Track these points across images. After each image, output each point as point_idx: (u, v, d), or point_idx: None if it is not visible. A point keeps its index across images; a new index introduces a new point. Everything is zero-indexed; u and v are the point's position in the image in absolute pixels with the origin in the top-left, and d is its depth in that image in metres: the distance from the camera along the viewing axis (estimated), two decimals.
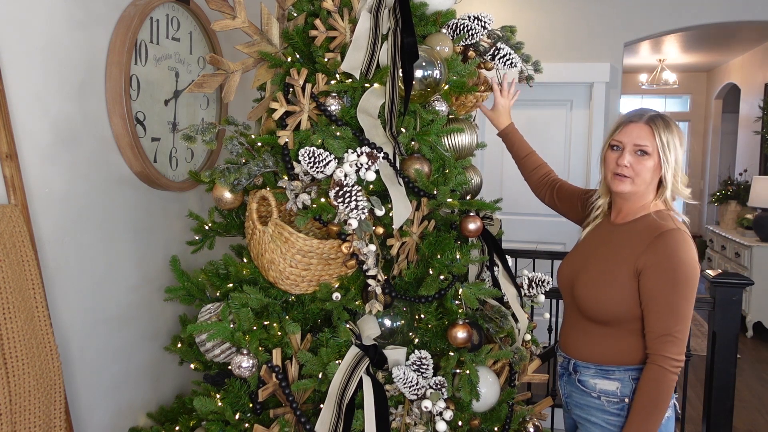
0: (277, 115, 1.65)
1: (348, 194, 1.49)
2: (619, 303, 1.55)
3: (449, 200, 1.68)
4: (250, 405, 1.63)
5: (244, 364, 1.54)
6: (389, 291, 1.61)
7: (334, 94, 1.66)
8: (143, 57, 1.87)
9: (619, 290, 1.55)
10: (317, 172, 1.54)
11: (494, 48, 1.90)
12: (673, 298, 1.49)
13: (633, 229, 1.59)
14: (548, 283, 1.95)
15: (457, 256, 1.66)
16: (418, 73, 1.62)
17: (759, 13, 4.10)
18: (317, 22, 1.66)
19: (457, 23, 1.80)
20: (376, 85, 1.64)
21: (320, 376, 1.56)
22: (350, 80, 1.64)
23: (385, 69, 1.62)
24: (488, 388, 1.69)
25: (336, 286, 1.64)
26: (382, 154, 1.59)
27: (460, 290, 1.66)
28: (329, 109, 1.64)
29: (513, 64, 1.91)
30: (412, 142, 1.70)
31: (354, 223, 1.50)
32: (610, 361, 1.59)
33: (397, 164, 1.65)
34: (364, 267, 1.57)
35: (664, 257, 1.50)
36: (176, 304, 2.01)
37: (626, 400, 1.56)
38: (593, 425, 1.62)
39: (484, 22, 1.85)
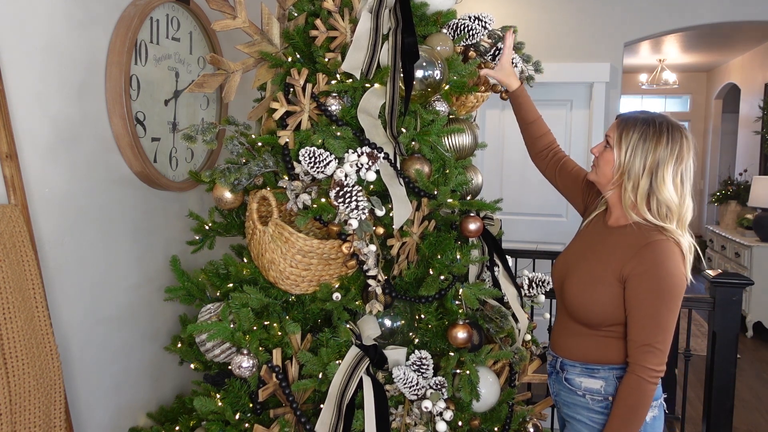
0: (277, 115, 1.65)
1: (348, 194, 1.49)
2: (604, 308, 1.55)
3: (449, 200, 1.68)
4: (250, 405, 1.63)
5: (244, 364, 1.54)
6: (389, 291, 1.60)
7: (334, 94, 1.66)
8: (143, 57, 1.87)
9: (605, 295, 1.54)
10: (317, 172, 1.54)
11: (495, 48, 1.90)
12: (656, 309, 1.48)
13: (623, 234, 1.57)
14: (548, 283, 1.95)
15: (458, 257, 1.66)
16: (419, 73, 1.62)
17: (759, 13, 4.10)
18: (318, 22, 1.66)
19: (457, 23, 1.80)
20: (376, 85, 1.64)
21: (320, 376, 1.56)
22: (351, 80, 1.64)
23: (385, 69, 1.62)
24: (488, 389, 1.69)
25: (336, 286, 1.64)
26: (382, 154, 1.59)
27: (461, 290, 1.66)
28: (330, 109, 1.64)
29: (513, 64, 1.91)
30: (413, 142, 1.70)
31: (354, 224, 1.50)
32: (595, 360, 1.60)
33: (398, 164, 1.65)
34: (365, 267, 1.57)
35: (650, 266, 1.49)
36: (176, 304, 2.00)
37: (610, 398, 1.57)
38: (579, 423, 1.63)
39: (485, 23, 1.85)
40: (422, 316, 1.70)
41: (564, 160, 1.89)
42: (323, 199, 1.56)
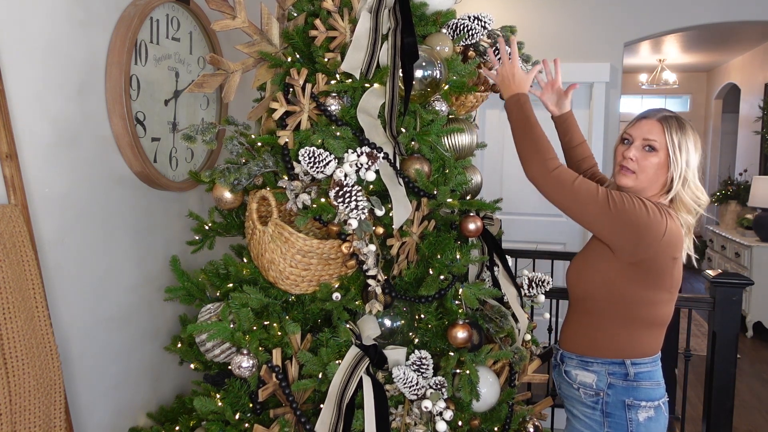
0: (277, 115, 1.65)
1: (348, 194, 1.49)
2: (596, 282, 1.59)
3: (449, 200, 1.68)
4: (250, 405, 1.63)
5: (244, 364, 1.54)
6: (389, 291, 1.60)
7: (334, 94, 1.66)
8: (143, 57, 1.87)
9: (596, 269, 1.59)
10: (317, 172, 1.54)
11: (494, 48, 1.90)
12: (612, 193, 1.51)
13: None
14: (548, 283, 1.95)
15: (457, 256, 1.66)
16: (418, 73, 1.62)
17: (759, 13, 4.10)
18: (317, 22, 1.66)
19: (457, 23, 1.80)
20: (376, 85, 1.64)
21: (320, 376, 1.56)
22: (350, 80, 1.64)
23: (385, 69, 1.62)
24: (488, 388, 1.69)
25: (336, 286, 1.64)
26: (382, 154, 1.59)
27: (460, 290, 1.66)
28: (329, 109, 1.64)
29: None
30: (412, 142, 1.70)
31: (354, 223, 1.50)
32: (589, 352, 1.63)
33: (397, 164, 1.65)
34: (364, 267, 1.57)
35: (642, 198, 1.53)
36: (176, 304, 2.00)
37: (601, 393, 1.59)
38: (574, 418, 1.66)
39: (484, 22, 1.85)
40: (422, 316, 1.70)
41: (598, 179, 1.88)
42: (323, 199, 1.56)
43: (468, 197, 1.88)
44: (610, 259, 1.56)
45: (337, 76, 1.66)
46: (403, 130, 1.68)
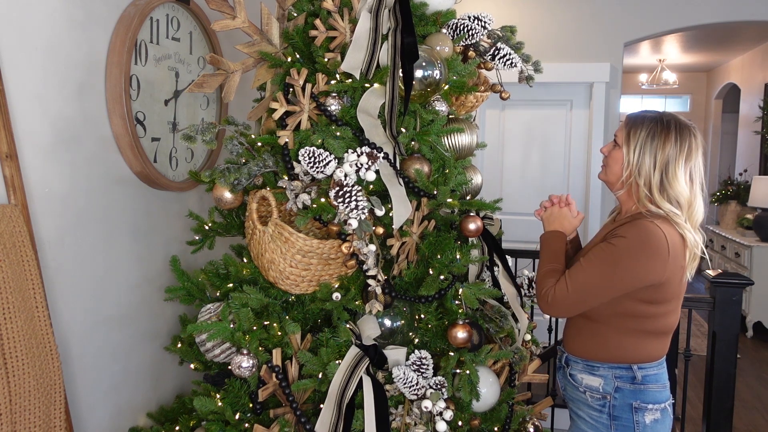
0: (277, 115, 1.65)
1: (348, 194, 1.49)
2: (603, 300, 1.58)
3: (449, 200, 1.68)
4: (250, 405, 1.63)
5: (244, 364, 1.54)
6: (389, 291, 1.60)
7: (334, 94, 1.66)
8: (143, 57, 1.87)
9: None
10: (317, 172, 1.54)
11: (494, 48, 1.90)
12: (592, 262, 1.53)
13: (625, 220, 1.62)
14: None
15: (457, 256, 1.66)
16: (418, 73, 1.62)
17: (759, 13, 4.10)
18: (317, 22, 1.66)
19: (457, 23, 1.80)
20: (376, 85, 1.64)
21: (320, 376, 1.56)
22: (350, 80, 1.64)
23: (385, 69, 1.62)
24: (488, 388, 1.69)
25: (336, 286, 1.64)
26: (382, 154, 1.59)
27: (460, 290, 1.66)
28: (329, 109, 1.64)
29: (513, 64, 1.91)
30: (412, 142, 1.70)
31: (354, 223, 1.50)
32: (595, 357, 1.63)
33: (397, 164, 1.65)
34: (364, 267, 1.57)
35: (620, 232, 1.53)
36: (176, 304, 2.00)
37: (608, 397, 1.59)
38: (580, 419, 1.67)
39: (484, 22, 1.85)
40: (422, 316, 1.70)
41: None
42: (323, 199, 1.56)
43: (468, 197, 1.88)
44: None
45: (337, 76, 1.66)
46: (403, 130, 1.68)
